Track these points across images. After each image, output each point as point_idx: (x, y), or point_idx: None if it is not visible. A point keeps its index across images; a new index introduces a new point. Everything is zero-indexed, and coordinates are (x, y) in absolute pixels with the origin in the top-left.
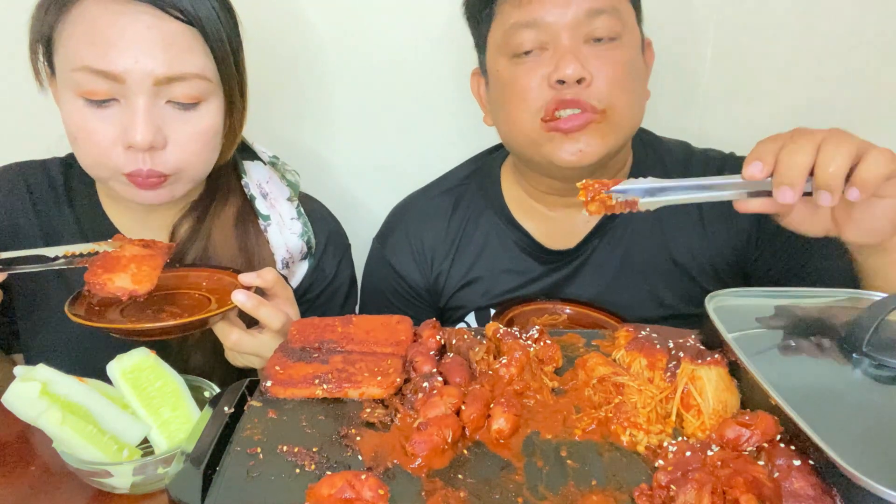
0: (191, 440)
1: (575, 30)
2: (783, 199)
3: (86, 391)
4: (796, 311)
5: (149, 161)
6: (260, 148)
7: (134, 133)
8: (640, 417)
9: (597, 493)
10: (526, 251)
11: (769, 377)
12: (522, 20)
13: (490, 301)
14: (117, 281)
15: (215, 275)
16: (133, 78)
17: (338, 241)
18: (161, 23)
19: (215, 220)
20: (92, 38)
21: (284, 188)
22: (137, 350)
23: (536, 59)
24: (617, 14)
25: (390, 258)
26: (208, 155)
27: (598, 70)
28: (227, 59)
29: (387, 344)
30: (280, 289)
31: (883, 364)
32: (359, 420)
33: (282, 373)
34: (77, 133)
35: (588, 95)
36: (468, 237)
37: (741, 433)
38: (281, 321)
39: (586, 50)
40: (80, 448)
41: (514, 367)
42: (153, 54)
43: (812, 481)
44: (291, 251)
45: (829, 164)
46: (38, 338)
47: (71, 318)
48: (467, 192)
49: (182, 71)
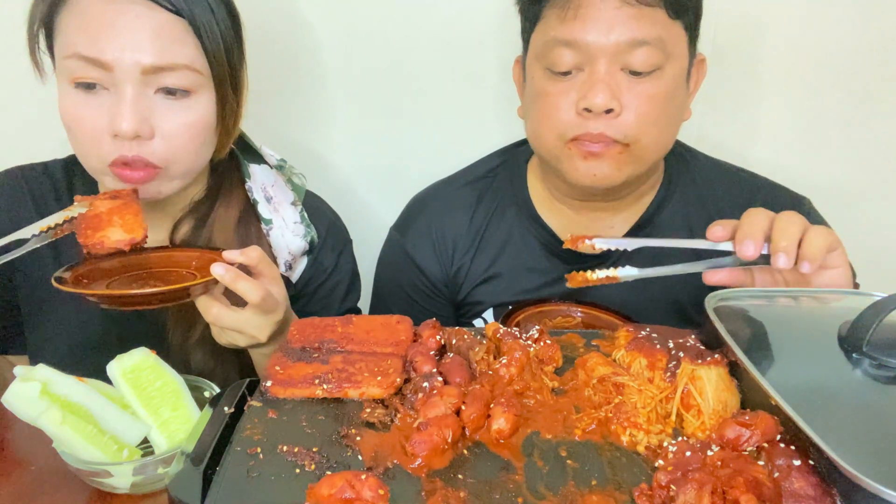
0: (191, 440)
1: (613, 57)
2: (745, 253)
3: (86, 391)
4: (796, 311)
5: (135, 149)
6: (268, 151)
7: (120, 120)
8: (640, 417)
9: (597, 493)
10: (549, 250)
11: (769, 377)
12: (562, 37)
13: (510, 298)
14: (112, 235)
15: (205, 255)
16: (121, 66)
17: (337, 235)
18: (151, 13)
19: (216, 222)
20: (84, 25)
21: (289, 192)
22: (137, 350)
23: (570, 82)
24: (661, 45)
25: (409, 249)
26: (197, 149)
27: (630, 103)
28: (219, 54)
29: (387, 344)
30: (265, 266)
31: (883, 364)
32: (359, 420)
33: (282, 373)
34: (70, 122)
35: (614, 129)
36: (491, 232)
37: (741, 433)
38: (259, 296)
39: (622, 80)
40: (80, 448)
41: (514, 367)
42: (141, 44)
43: (812, 481)
44: (293, 253)
45: (784, 229)
46: (43, 338)
47: (56, 287)
48: (492, 186)
49: (170, 61)
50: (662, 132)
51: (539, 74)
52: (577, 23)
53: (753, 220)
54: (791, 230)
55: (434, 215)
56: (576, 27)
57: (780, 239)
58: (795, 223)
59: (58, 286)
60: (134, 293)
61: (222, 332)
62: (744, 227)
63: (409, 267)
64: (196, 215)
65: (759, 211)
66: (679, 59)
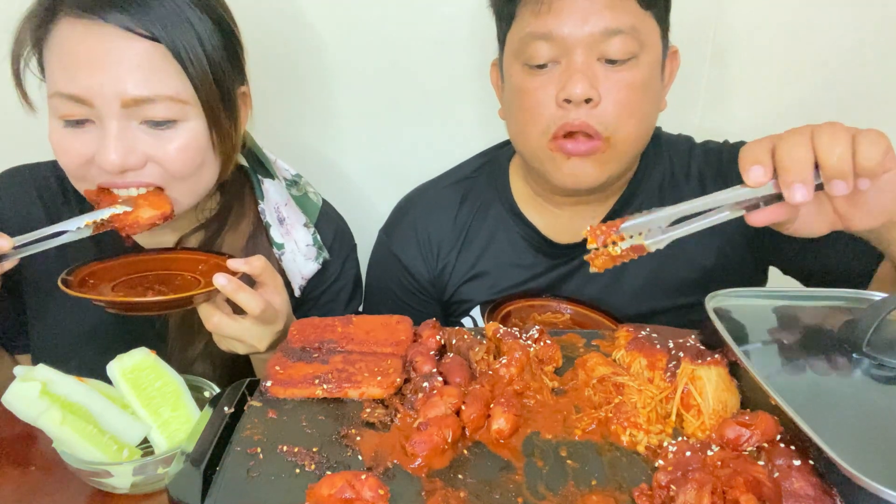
0: (191, 440)
1: (589, 47)
2: (798, 199)
3: (86, 391)
4: (796, 311)
5: (129, 179)
6: (282, 165)
7: (106, 155)
8: (640, 417)
9: (597, 493)
10: (533, 245)
11: (769, 377)
12: (538, 31)
13: (496, 295)
14: (143, 214)
15: (211, 259)
16: (100, 101)
17: (343, 240)
18: (128, 43)
19: (223, 246)
20: (62, 61)
21: (301, 215)
22: (137, 350)
23: (548, 74)
24: (635, 34)
25: (396, 250)
26: (196, 171)
27: (608, 92)
28: (205, 78)
29: (387, 344)
30: (269, 277)
31: (883, 364)
32: (359, 420)
33: (282, 373)
34: (59, 155)
35: (595, 119)
36: (475, 230)
37: (741, 433)
38: (260, 307)
39: (598, 69)
40: (80, 448)
41: (514, 367)
42: (118, 76)
43: (812, 481)
44: (306, 277)
45: (832, 153)
46: (44, 337)
47: (62, 290)
48: (476, 185)
49: (152, 93)
50: (640, 123)
51: (517, 71)
52: (552, 16)
53: (794, 154)
54: (841, 147)
55: (419, 216)
56: (550, 20)
57: (830, 161)
58: (842, 138)
59: (64, 289)
60: (137, 300)
61: (222, 339)
62: (785, 163)
63: (396, 267)
64: (203, 236)
65: (794, 134)
66: (653, 49)
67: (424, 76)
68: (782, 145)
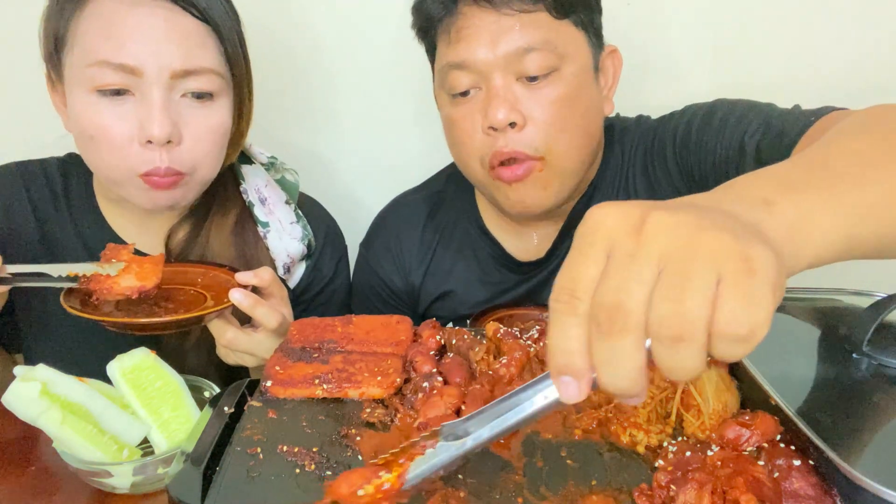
0: (191, 440)
1: (505, 69)
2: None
3: (86, 391)
4: (796, 310)
5: (166, 159)
6: (257, 150)
7: (151, 126)
8: (640, 417)
9: (597, 493)
10: (500, 262)
11: (769, 377)
12: (453, 60)
13: (466, 311)
14: (123, 282)
15: (211, 271)
16: (150, 70)
17: (335, 241)
18: (177, 17)
19: (213, 227)
20: (108, 32)
21: (281, 192)
22: (137, 350)
23: (472, 102)
24: (550, 48)
25: (374, 264)
26: (218, 154)
27: (532, 111)
28: (239, 59)
29: (387, 344)
30: (276, 288)
31: (883, 364)
32: (359, 420)
33: (282, 373)
34: (94, 131)
35: (523, 142)
36: (444, 247)
37: (741, 433)
38: (277, 321)
39: (519, 90)
40: (80, 448)
41: (514, 367)
42: (170, 48)
43: (812, 481)
44: (292, 256)
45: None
46: (37, 337)
47: (67, 310)
48: (445, 200)
49: (197, 65)
50: (573, 137)
51: (445, 101)
52: (462, 44)
53: (618, 358)
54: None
55: (392, 229)
56: (461, 48)
57: (667, 366)
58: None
59: (73, 311)
60: (150, 321)
61: (229, 353)
62: (600, 371)
63: (374, 280)
64: (192, 221)
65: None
66: (576, 58)
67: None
68: (600, 337)
